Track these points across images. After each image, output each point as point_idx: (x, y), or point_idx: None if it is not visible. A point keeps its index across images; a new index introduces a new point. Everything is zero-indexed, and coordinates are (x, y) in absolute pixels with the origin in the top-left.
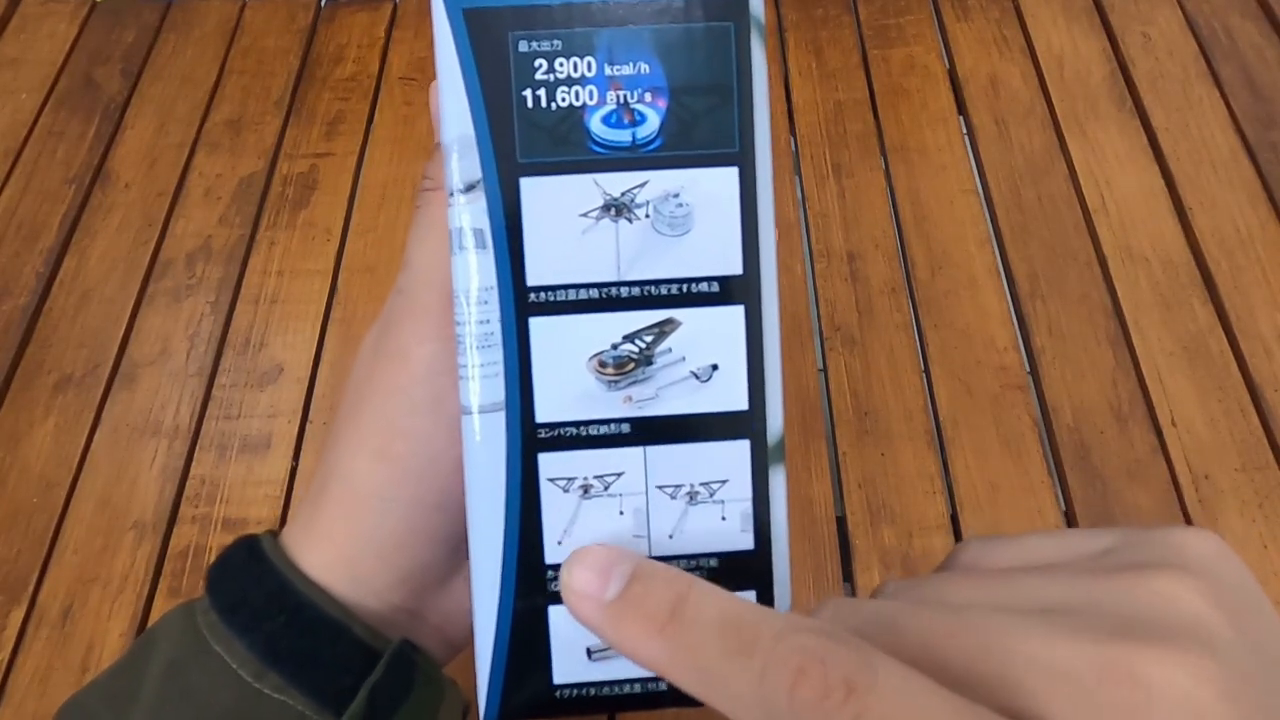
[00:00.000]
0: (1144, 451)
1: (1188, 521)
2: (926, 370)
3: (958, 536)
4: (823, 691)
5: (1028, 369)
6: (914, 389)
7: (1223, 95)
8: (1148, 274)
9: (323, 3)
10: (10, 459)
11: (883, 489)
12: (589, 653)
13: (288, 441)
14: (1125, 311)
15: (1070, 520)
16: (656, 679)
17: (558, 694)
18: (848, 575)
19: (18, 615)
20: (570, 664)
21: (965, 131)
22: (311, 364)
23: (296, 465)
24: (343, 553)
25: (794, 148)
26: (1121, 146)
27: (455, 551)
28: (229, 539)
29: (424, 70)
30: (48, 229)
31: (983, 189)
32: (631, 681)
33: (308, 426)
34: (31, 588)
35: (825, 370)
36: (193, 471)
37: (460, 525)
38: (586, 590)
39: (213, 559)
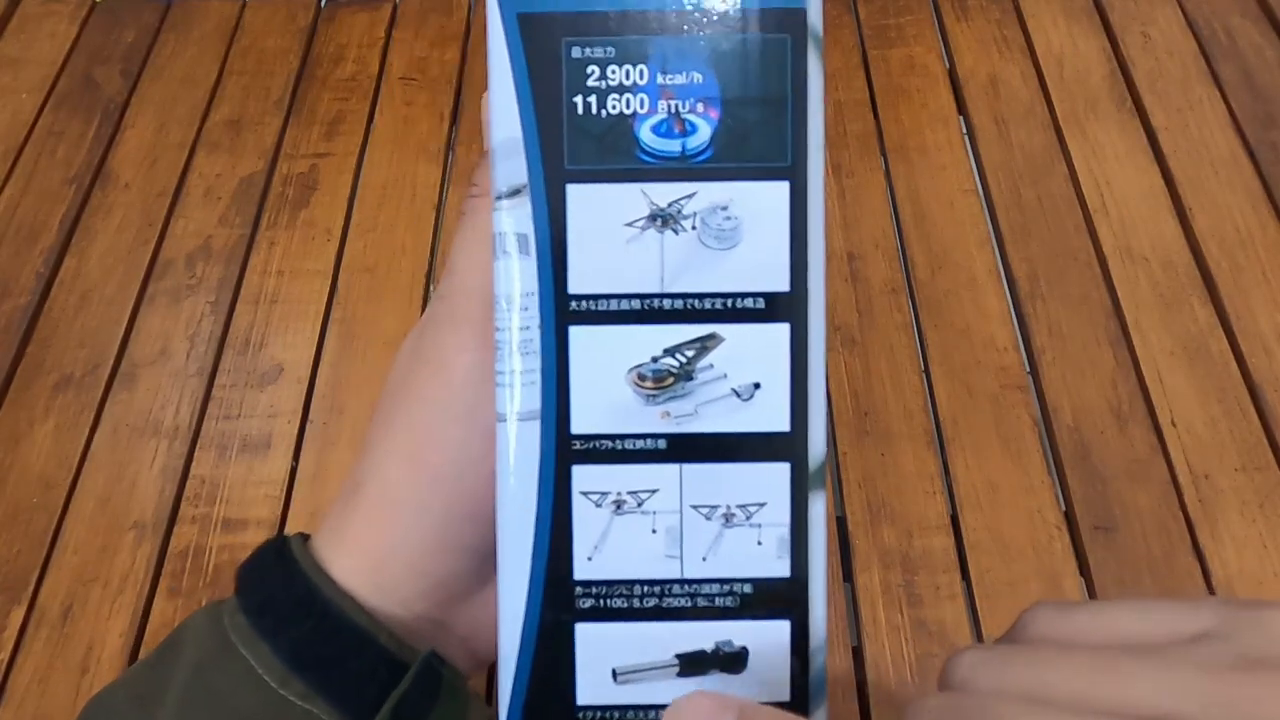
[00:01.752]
0: (1144, 451)
1: (1187, 521)
2: (926, 370)
3: (958, 536)
4: None
5: (1028, 369)
6: (914, 389)
7: (1223, 95)
8: (1148, 274)
9: (323, 3)
10: (10, 459)
11: (883, 489)
12: (615, 674)
13: (288, 441)
14: (1125, 311)
15: (1070, 520)
16: None
17: (580, 716)
18: (848, 575)
19: (18, 615)
20: (595, 685)
21: (965, 131)
22: (311, 364)
23: (296, 465)
24: (371, 559)
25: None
26: (1121, 146)
27: (484, 563)
28: (229, 539)
29: (424, 70)
30: (48, 229)
31: (983, 189)
32: (657, 708)
33: (308, 426)
34: (31, 588)
35: (825, 370)
36: (193, 471)
37: (490, 538)
38: None
39: (213, 559)
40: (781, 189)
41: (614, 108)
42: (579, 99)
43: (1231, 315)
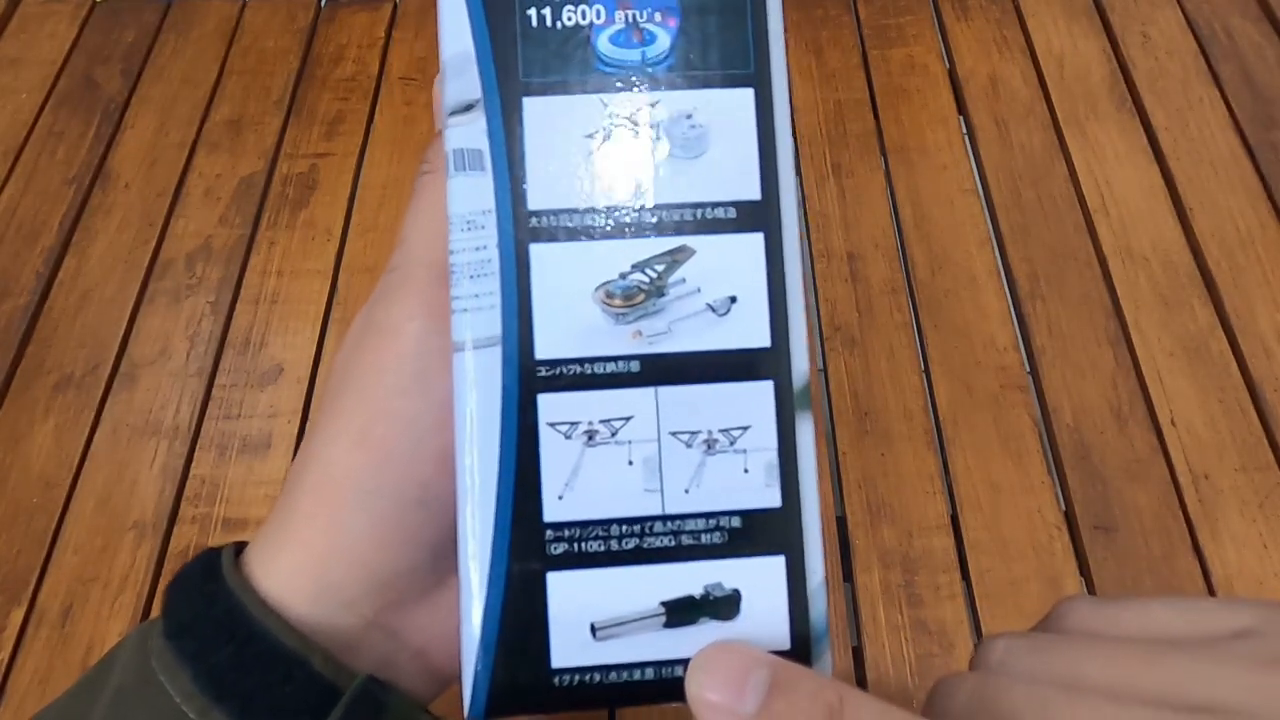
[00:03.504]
0: (1144, 451)
1: (1187, 521)
2: (926, 370)
3: (958, 537)
4: None
5: (1028, 369)
6: (914, 389)
7: (1223, 95)
8: (1148, 274)
9: (323, 3)
10: (10, 459)
11: (883, 489)
12: (594, 630)
13: (288, 441)
14: (1125, 311)
15: (1070, 520)
16: (673, 663)
17: (556, 680)
18: (848, 575)
19: (18, 615)
20: (572, 644)
21: (965, 131)
22: (311, 364)
23: None
24: (312, 554)
25: (794, 148)
26: (1121, 146)
27: (439, 561)
28: (229, 539)
29: (424, 70)
30: (48, 229)
31: (983, 189)
32: (643, 666)
33: (308, 426)
34: (31, 588)
35: (825, 370)
36: (193, 471)
37: (445, 529)
38: (719, 700)
39: None
40: (746, 95)
41: (569, 19)
42: (532, 11)
43: (1231, 315)
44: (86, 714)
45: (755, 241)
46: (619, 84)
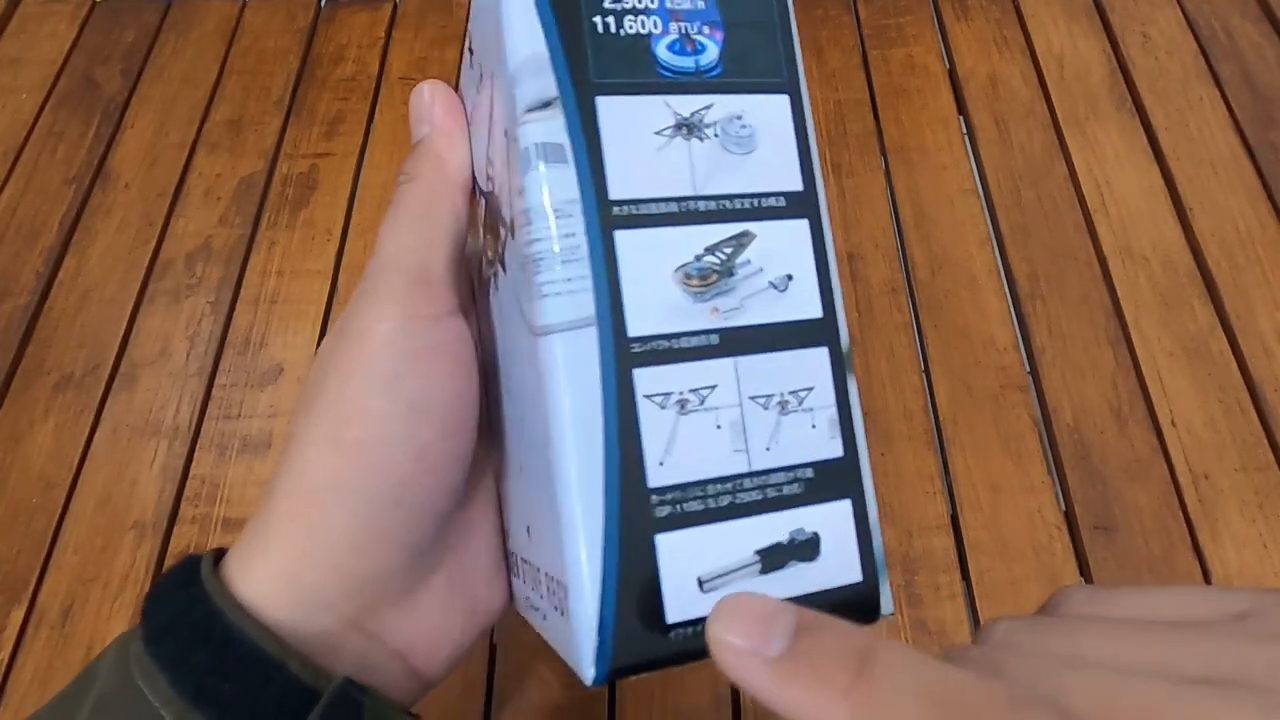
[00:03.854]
0: (1144, 451)
1: (1187, 521)
2: (926, 370)
3: (958, 537)
4: None
5: (1028, 369)
6: (914, 389)
7: (1223, 95)
8: (1148, 274)
9: (323, 3)
10: (10, 459)
11: (883, 489)
12: (700, 584)
13: (288, 442)
14: (1125, 311)
15: (1070, 520)
16: None
17: (673, 635)
18: None
19: (18, 615)
20: (684, 598)
21: (965, 131)
22: (312, 364)
23: None
24: (289, 557)
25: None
26: (1121, 146)
27: (415, 561)
28: (229, 539)
29: (424, 70)
30: (48, 229)
31: (983, 189)
32: None
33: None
34: (31, 588)
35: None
36: (193, 471)
37: (421, 529)
38: (745, 645)
39: None
40: (782, 101)
41: (630, 28)
42: (598, 19)
43: (1231, 315)
44: None
45: (802, 226)
46: (679, 87)
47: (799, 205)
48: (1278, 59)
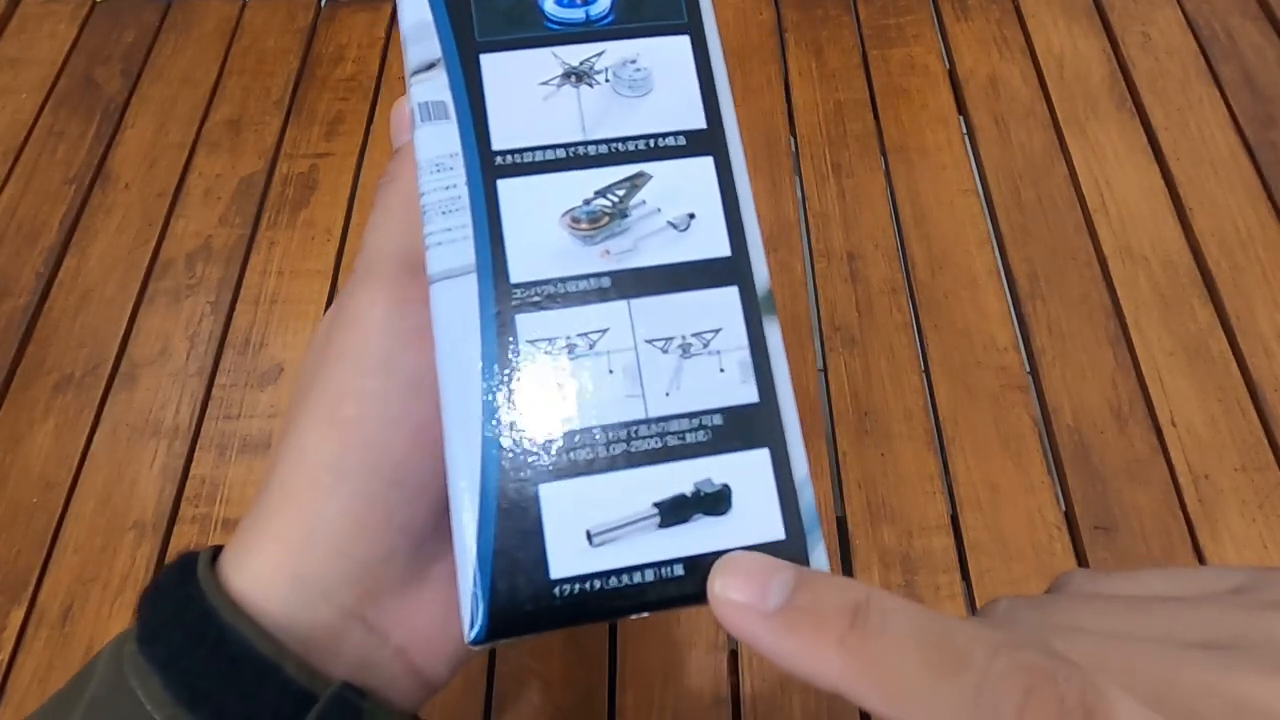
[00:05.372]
0: (1144, 451)
1: (1187, 521)
2: (926, 370)
3: (958, 536)
4: (1058, 713)
5: (1028, 369)
6: (914, 389)
7: (1223, 95)
8: (1148, 274)
9: (323, 3)
10: (10, 459)
11: (883, 489)
12: (590, 537)
13: None
14: (1125, 311)
15: (1070, 520)
16: (672, 562)
17: (557, 591)
18: (848, 575)
19: (18, 615)
20: (570, 553)
21: (965, 131)
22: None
23: None
24: (286, 546)
25: (794, 148)
26: (1121, 146)
27: (418, 546)
28: (229, 539)
29: None
30: (48, 229)
31: (983, 189)
32: (642, 568)
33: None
34: (31, 588)
35: (825, 370)
36: (193, 471)
37: (423, 511)
38: (743, 599)
39: None
40: (683, 41)
41: None
42: None
43: (1231, 315)
44: None
45: (706, 164)
46: (568, 38)
47: (702, 143)
48: (1278, 59)
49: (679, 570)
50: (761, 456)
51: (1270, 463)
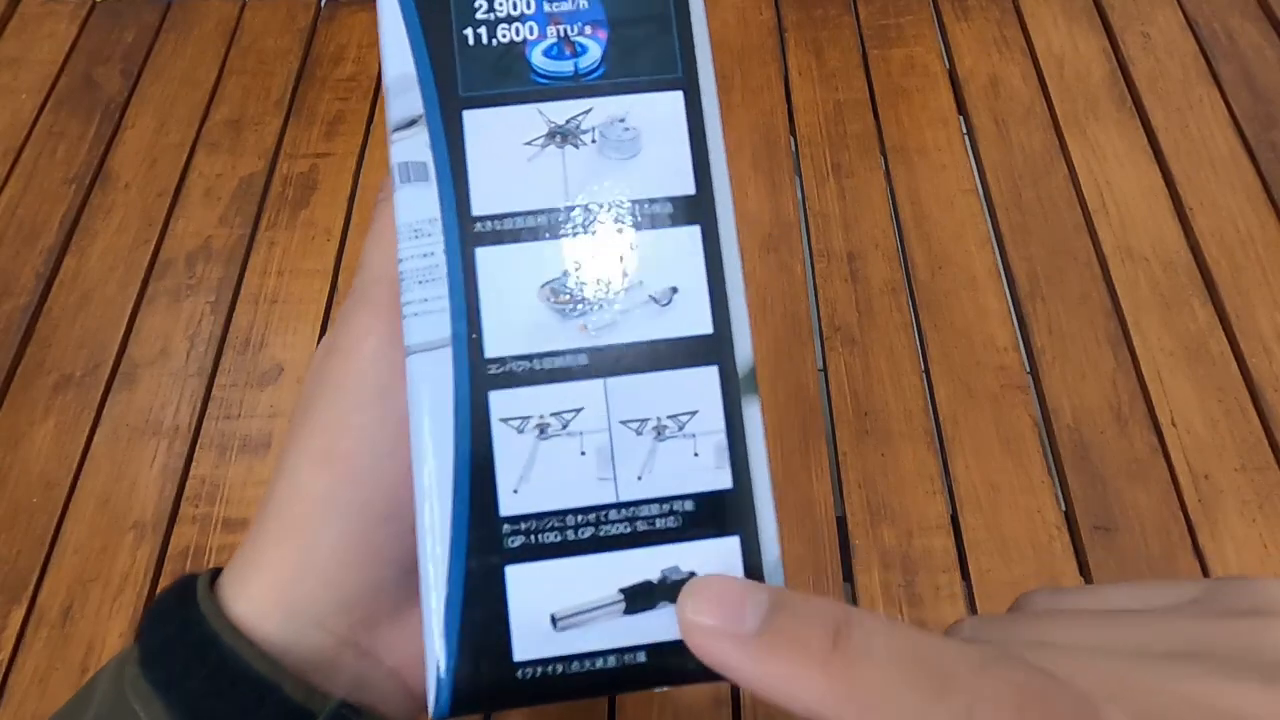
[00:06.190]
0: (1144, 451)
1: (1187, 521)
2: (926, 370)
3: (958, 536)
4: None
5: (1028, 369)
6: (914, 389)
7: (1223, 95)
8: (1148, 274)
9: (323, 3)
10: (10, 459)
11: (883, 489)
12: (554, 621)
13: None
14: (1125, 311)
15: (1070, 520)
16: (635, 649)
17: (519, 673)
18: (848, 575)
19: (18, 615)
20: (534, 636)
21: (965, 131)
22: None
23: None
24: (281, 575)
25: (794, 148)
26: (1121, 146)
27: (409, 576)
28: (229, 539)
29: None
30: (48, 229)
31: (983, 189)
32: (605, 654)
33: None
34: (31, 588)
35: (825, 370)
36: (193, 471)
37: (413, 545)
38: (718, 624)
39: (213, 560)
40: (676, 98)
41: (504, 36)
42: (469, 31)
43: (1231, 315)
44: None
45: (693, 234)
46: (554, 94)
47: (689, 211)
48: (1278, 59)
49: (641, 657)
50: (731, 544)
51: (1270, 463)
